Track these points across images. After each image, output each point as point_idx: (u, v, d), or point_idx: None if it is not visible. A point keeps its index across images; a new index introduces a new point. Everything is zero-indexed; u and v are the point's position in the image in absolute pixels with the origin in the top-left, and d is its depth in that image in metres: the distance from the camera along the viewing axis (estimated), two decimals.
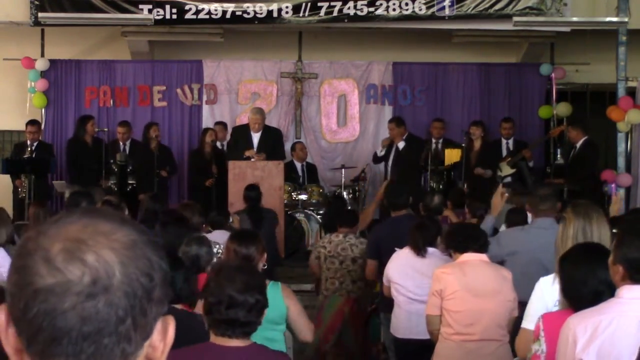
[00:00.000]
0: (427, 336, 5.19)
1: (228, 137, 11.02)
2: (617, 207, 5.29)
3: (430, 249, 5.51)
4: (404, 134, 10.56)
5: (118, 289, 1.06)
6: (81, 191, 6.11)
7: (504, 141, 10.84)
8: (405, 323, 5.53)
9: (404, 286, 5.52)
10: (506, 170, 10.34)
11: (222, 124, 11.33)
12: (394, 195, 6.62)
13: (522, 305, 4.74)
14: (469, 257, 4.64)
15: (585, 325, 2.71)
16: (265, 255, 4.19)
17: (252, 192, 7.94)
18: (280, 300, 4.00)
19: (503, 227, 6.19)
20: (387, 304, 5.87)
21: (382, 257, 6.03)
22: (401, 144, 10.50)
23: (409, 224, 5.93)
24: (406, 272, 5.51)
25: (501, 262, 5.13)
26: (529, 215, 5.66)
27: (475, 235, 4.73)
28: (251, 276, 2.97)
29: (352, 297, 6.69)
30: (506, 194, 6.06)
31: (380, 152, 10.59)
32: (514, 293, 4.62)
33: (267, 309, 3.80)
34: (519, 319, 4.67)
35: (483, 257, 4.66)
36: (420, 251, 5.47)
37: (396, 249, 5.70)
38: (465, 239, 4.70)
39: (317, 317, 6.63)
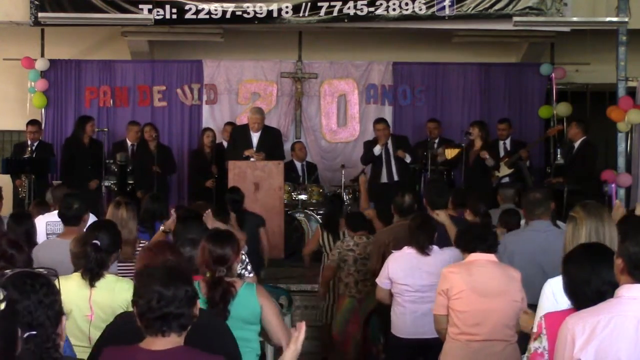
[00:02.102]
0: (432, 335, 5.17)
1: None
2: (620, 211, 5.28)
3: (434, 247, 5.50)
4: (389, 135, 10.55)
5: None
6: (74, 193, 6.08)
7: (501, 142, 10.84)
8: (410, 323, 5.48)
9: (411, 286, 5.48)
10: (504, 170, 10.34)
11: (232, 124, 11.27)
12: (435, 194, 6.42)
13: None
14: (477, 257, 4.67)
15: (583, 324, 2.71)
16: (242, 257, 4.15)
17: (235, 195, 7.84)
18: (255, 299, 3.97)
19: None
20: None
21: None
22: (389, 144, 10.46)
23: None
24: (412, 272, 5.48)
25: None
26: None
27: (483, 236, 4.76)
28: (172, 269, 2.95)
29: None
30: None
31: (379, 152, 10.47)
32: (522, 293, 4.61)
33: (241, 309, 3.77)
34: None
35: (491, 257, 4.68)
36: (424, 250, 5.46)
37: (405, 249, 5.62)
38: (473, 239, 4.73)
39: (355, 319, 6.65)
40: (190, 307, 2.84)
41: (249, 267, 5.30)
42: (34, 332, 2.34)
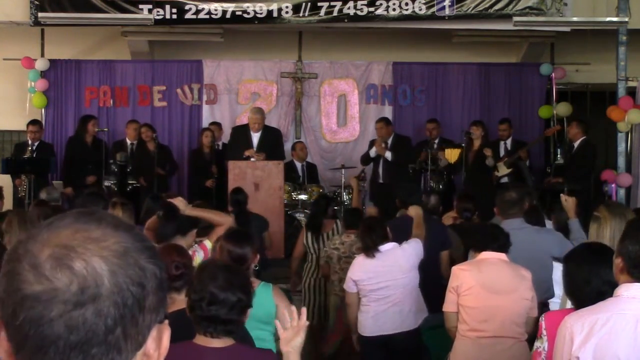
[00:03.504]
0: (392, 331, 5.45)
1: (223, 137, 11.04)
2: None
3: (384, 247, 5.53)
4: (391, 133, 10.55)
5: (107, 298, 1.03)
6: (95, 192, 6.06)
7: (502, 142, 10.83)
8: (372, 321, 5.57)
9: (370, 285, 5.57)
10: (502, 170, 10.34)
11: (217, 124, 11.34)
12: (405, 194, 6.59)
13: None
14: (487, 255, 4.71)
15: (582, 323, 2.71)
16: (258, 256, 4.19)
17: (239, 196, 7.83)
18: (270, 300, 4.00)
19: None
20: None
21: None
22: (389, 144, 10.49)
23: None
24: (369, 272, 5.57)
25: None
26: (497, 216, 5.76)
27: (494, 235, 4.80)
28: (234, 275, 2.96)
29: None
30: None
31: (375, 154, 10.51)
32: (532, 292, 4.64)
33: (257, 309, 3.80)
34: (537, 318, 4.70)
35: (502, 256, 4.72)
36: (371, 252, 5.52)
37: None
38: (483, 238, 4.79)
39: (338, 318, 6.67)
40: (240, 315, 2.86)
41: None
42: None
